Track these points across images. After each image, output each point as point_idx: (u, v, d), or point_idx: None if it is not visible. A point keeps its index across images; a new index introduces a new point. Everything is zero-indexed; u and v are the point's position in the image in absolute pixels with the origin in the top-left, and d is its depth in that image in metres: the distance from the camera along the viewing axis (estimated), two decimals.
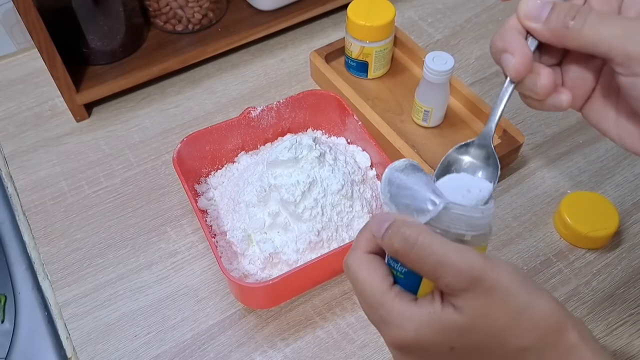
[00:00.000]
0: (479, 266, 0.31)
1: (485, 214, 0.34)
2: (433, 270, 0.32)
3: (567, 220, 0.61)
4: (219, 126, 0.62)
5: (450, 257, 0.31)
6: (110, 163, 0.70)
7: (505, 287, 0.32)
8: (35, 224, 0.65)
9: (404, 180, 0.34)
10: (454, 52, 0.81)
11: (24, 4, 0.60)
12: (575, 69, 0.38)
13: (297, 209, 0.55)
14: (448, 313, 0.32)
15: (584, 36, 0.34)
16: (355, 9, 0.70)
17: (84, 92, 0.71)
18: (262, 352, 0.56)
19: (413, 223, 0.33)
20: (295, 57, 0.81)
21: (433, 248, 0.32)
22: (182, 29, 0.77)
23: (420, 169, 0.35)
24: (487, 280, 0.31)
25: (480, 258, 0.32)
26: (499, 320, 0.32)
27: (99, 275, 0.61)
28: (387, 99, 0.74)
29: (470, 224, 0.33)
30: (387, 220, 0.33)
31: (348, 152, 0.65)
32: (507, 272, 0.32)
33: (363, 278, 0.34)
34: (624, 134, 0.38)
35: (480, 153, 0.39)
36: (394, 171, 0.35)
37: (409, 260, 0.33)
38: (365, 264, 0.35)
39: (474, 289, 0.31)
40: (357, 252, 0.35)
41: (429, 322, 0.32)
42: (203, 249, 0.62)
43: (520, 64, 0.36)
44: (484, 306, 0.32)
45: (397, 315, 0.33)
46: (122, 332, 0.57)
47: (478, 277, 0.31)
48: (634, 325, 0.57)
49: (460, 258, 0.31)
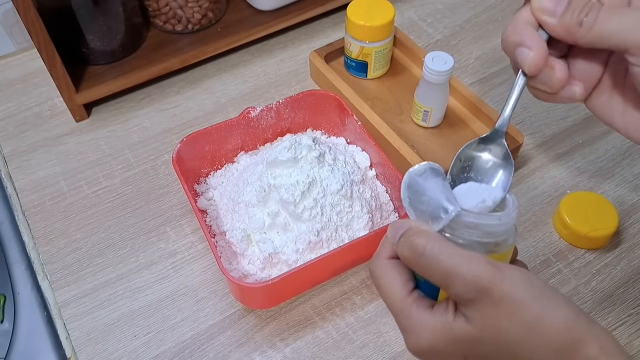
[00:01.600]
0: (486, 276, 0.31)
1: (503, 220, 0.33)
2: (441, 279, 0.32)
3: (566, 220, 0.61)
4: (219, 126, 0.62)
5: (458, 267, 0.31)
6: (110, 163, 0.70)
7: (516, 299, 0.31)
8: (34, 224, 0.65)
9: (421, 185, 0.34)
10: (454, 52, 0.81)
11: (23, 4, 0.60)
12: (582, 60, 0.38)
13: (296, 209, 0.55)
14: (459, 323, 0.32)
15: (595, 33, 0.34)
16: (355, 9, 0.70)
17: (83, 92, 0.71)
18: (261, 352, 0.56)
19: (425, 231, 0.33)
20: (294, 57, 0.81)
21: (440, 257, 0.31)
22: (181, 29, 0.77)
23: (440, 172, 0.35)
24: (495, 291, 0.30)
25: (489, 268, 0.31)
26: (510, 333, 0.31)
27: (98, 275, 0.61)
28: (386, 99, 0.74)
29: (487, 232, 0.33)
30: (402, 228, 0.34)
31: (347, 152, 0.65)
32: (519, 283, 0.31)
33: (384, 284, 0.35)
34: (631, 125, 0.38)
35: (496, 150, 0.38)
36: (413, 175, 0.35)
37: (418, 269, 0.33)
38: (387, 270, 0.35)
39: (481, 300, 0.31)
40: (379, 258, 0.35)
41: (442, 332, 0.32)
42: (202, 249, 0.62)
43: (539, 58, 0.35)
44: (493, 317, 0.31)
45: (414, 322, 0.33)
46: (122, 332, 0.57)
47: (486, 287, 0.30)
48: (633, 325, 0.57)
49: (468, 268, 0.31)
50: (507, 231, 0.34)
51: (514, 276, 0.31)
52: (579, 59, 0.38)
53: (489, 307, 0.31)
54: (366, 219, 0.57)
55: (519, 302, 0.31)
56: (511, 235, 0.34)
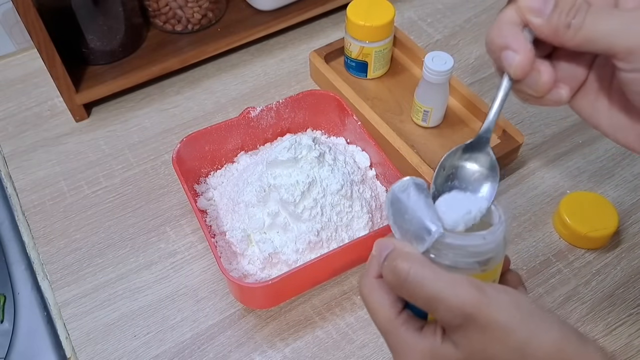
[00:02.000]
0: (471, 303, 0.30)
1: (488, 239, 0.32)
2: (426, 305, 0.31)
3: (566, 220, 0.61)
4: (219, 126, 0.62)
5: (442, 293, 0.30)
6: (110, 163, 0.70)
7: (503, 323, 0.30)
8: (34, 224, 0.65)
9: (404, 202, 0.33)
10: (454, 52, 0.81)
11: (23, 4, 0.60)
12: (567, 62, 0.37)
13: (296, 209, 0.55)
14: (447, 348, 0.31)
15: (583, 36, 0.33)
16: (355, 9, 0.70)
17: (83, 92, 0.71)
18: (261, 352, 0.56)
19: (408, 254, 0.32)
20: (294, 57, 0.81)
21: (424, 282, 0.31)
22: (181, 29, 0.77)
23: (423, 188, 0.33)
24: (481, 318, 0.30)
25: (474, 293, 0.30)
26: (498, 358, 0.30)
27: (98, 275, 0.61)
28: (386, 99, 0.74)
29: (472, 252, 0.32)
30: (387, 249, 0.33)
31: (347, 152, 0.65)
32: (505, 307, 0.30)
33: (372, 305, 0.34)
34: (618, 128, 0.37)
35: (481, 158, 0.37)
36: (396, 192, 0.33)
37: (403, 293, 0.32)
38: (375, 290, 0.34)
39: (467, 326, 0.30)
40: (367, 277, 0.35)
41: (431, 356, 0.32)
42: (202, 249, 0.62)
43: (525, 61, 0.34)
44: (480, 344, 0.30)
45: (403, 344, 0.33)
46: (122, 332, 0.57)
47: (471, 314, 0.30)
48: (633, 325, 0.57)
49: (452, 293, 0.30)
50: (494, 249, 0.32)
51: (500, 300, 0.30)
52: (563, 61, 0.37)
53: (476, 333, 0.30)
54: (366, 219, 0.57)
55: (505, 326, 0.30)
56: (500, 252, 0.33)
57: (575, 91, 0.38)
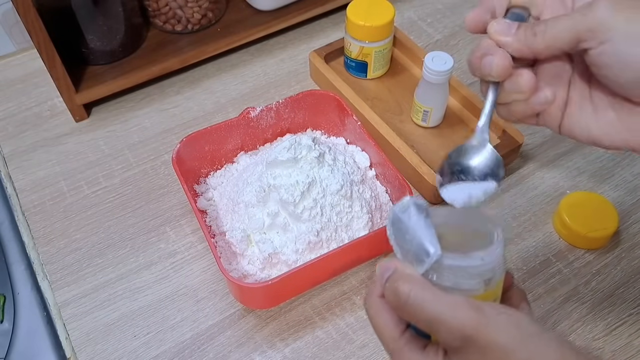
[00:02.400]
0: (471, 325, 0.30)
1: (486, 260, 0.32)
2: (427, 326, 0.32)
3: (566, 220, 0.61)
4: (218, 126, 0.62)
5: (442, 315, 0.31)
6: (110, 163, 0.70)
7: (502, 345, 0.30)
8: (34, 224, 0.65)
9: (405, 223, 0.34)
10: (453, 53, 0.81)
11: (23, 4, 0.60)
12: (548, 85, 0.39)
13: (296, 209, 0.55)
14: None
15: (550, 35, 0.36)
16: (355, 9, 0.70)
17: (83, 92, 0.71)
18: (261, 352, 0.56)
19: (409, 276, 0.33)
20: (294, 57, 0.81)
21: (424, 305, 0.31)
22: (181, 29, 0.77)
23: (423, 208, 0.34)
24: (480, 339, 0.30)
25: (472, 315, 0.31)
26: None
27: (98, 275, 0.61)
28: (386, 99, 0.74)
29: (471, 273, 0.32)
30: (388, 270, 0.34)
31: (347, 152, 0.65)
32: (505, 327, 0.31)
33: (377, 324, 0.35)
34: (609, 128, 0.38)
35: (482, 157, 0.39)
36: (396, 212, 0.34)
37: (404, 315, 0.33)
38: (379, 311, 0.35)
39: (467, 348, 0.31)
40: (372, 297, 0.35)
41: None
42: (202, 249, 0.62)
43: (504, 60, 0.37)
44: None
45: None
46: (122, 333, 0.57)
47: (470, 336, 0.30)
48: (633, 325, 0.57)
49: (452, 316, 0.31)
50: (492, 269, 0.33)
51: (499, 321, 0.31)
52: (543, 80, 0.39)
53: (476, 354, 0.31)
54: (366, 219, 0.57)
55: (505, 347, 0.30)
56: (499, 270, 0.33)
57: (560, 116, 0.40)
